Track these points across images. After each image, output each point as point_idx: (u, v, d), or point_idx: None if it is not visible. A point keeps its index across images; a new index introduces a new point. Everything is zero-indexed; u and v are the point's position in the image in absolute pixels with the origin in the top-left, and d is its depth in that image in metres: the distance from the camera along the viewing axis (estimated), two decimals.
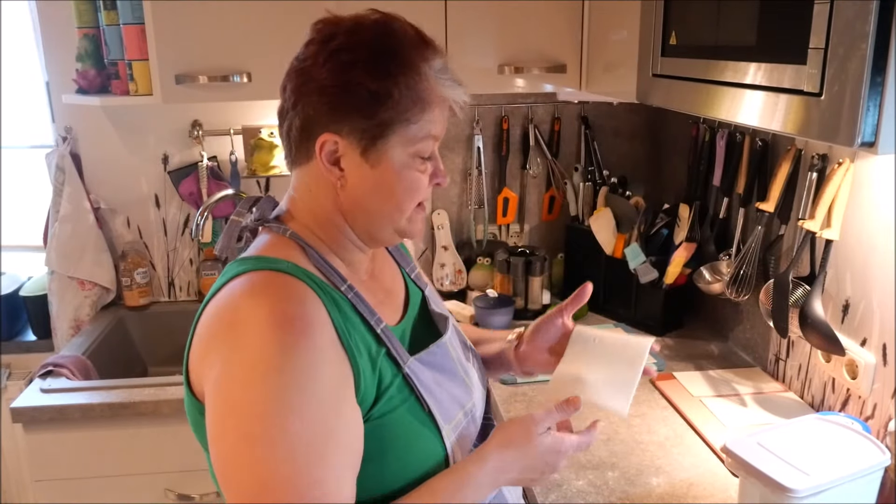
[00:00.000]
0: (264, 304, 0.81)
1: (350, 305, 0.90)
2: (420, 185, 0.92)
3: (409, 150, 0.90)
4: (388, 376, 0.90)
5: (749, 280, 1.60)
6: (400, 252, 1.14)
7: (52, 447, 1.71)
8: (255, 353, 0.78)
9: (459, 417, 0.97)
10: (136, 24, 1.78)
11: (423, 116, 0.89)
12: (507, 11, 1.84)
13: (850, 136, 0.85)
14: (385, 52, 0.87)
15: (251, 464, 0.76)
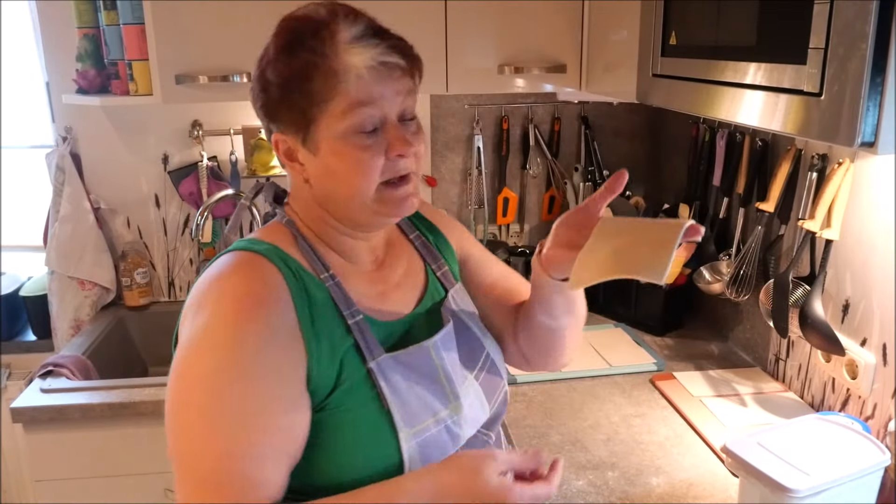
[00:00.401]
0: (229, 280, 0.88)
1: (326, 294, 0.92)
2: (367, 162, 0.88)
3: (340, 126, 0.87)
4: (351, 368, 0.90)
5: (749, 280, 1.60)
6: (428, 248, 1.10)
7: (52, 447, 1.70)
8: (211, 324, 0.84)
9: (427, 424, 0.93)
10: (136, 24, 1.78)
11: (339, 90, 0.86)
12: (507, 11, 1.84)
13: (850, 136, 0.85)
14: (287, 43, 0.89)
15: (183, 427, 0.82)
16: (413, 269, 1.07)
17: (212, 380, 0.82)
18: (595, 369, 1.75)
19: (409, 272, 1.06)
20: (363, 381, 0.90)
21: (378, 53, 0.87)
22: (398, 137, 0.89)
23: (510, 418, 1.54)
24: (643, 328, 2.01)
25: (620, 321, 2.05)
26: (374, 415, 0.90)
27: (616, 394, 1.65)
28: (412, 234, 1.10)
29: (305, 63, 0.87)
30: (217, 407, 0.82)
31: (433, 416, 0.94)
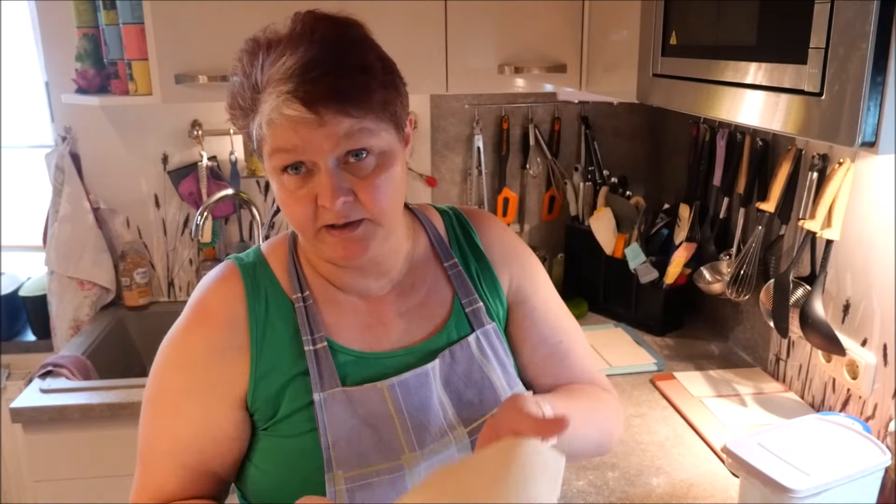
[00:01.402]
0: (200, 289, 0.92)
1: (290, 315, 0.90)
2: (294, 207, 0.81)
3: (268, 166, 0.82)
4: (297, 398, 0.87)
5: (749, 280, 1.60)
6: (463, 280, 0.97)
7: (52, 447, 1.70)
8: (173, 329, 0.91)
9: (368, 471, 0.85)
10: (135, 23, 1.78)
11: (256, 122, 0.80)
12: (507, 11, 1.84)
13: (851, 136, 0.85)
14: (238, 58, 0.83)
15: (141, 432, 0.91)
16: (434, 300, 0.96)
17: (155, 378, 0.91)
18: None
19: (427, 302, 0.95)
20: (304, 412, 0.87)
21: (279, 104, 0.77)
22: (325, 186, 0.79)
23: None
24: (643, 328, 2.00)
25: (620, 321, 2.05)
26: (308, 448, 0.85)
27: None
28: (448, 262, 0.98)
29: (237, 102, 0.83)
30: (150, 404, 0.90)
31: (375, 464, 0.85)
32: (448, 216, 1.03)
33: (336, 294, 0.92)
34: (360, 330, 0.92)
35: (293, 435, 0.87)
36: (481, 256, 1.00)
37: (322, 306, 0.91)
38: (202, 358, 0.88)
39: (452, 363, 0.93)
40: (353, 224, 0.82)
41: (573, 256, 2.24)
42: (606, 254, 2.07)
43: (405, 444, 0.87)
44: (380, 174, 0.82)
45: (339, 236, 0.82)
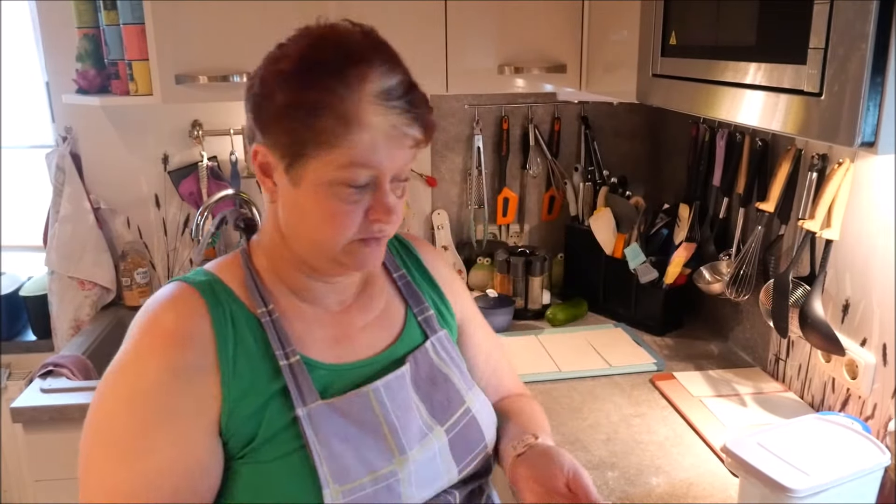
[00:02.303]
0: (153, 312, 0.85)
1: (259, 331, 0.86)
2: (345, 219, 0.82)
3: (330, 175, 0.81)
4: (277, 417, 0.83)
5: (749, 280, 1.60)
6: (412, 290, 1.02)
7: (52, 447, 1.70)
8: (123, 353, 0.84)
9: (363, 482, 0.84)
10: (136, 24, 1.78)
11: (348, 140, 0.79)
12: (507, 11, 1.84)
13: (850, 136, 0.85)
14: (311, 65, 0.80)
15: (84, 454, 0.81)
16: (390, 310, 1.00)
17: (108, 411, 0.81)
18: (595, 369, 1.76)
19: (384, 314, 0.99)
20: (287, 430, 0.83)
21: (402, 122, 0.81)
22: (382, 203, 0.83)
23: None
24: (643, 328, 2.01)
25: (620, 321, 2.05)
26: (297, 468, 0.82)
27: (616, 394, 1.65)
28: (396, 273, 1.03)
29: (323, 100, 0.79)
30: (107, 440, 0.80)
31: (370, 473, 0.85)
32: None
33: (301, 308, 0.91)
34: (328, 342, 0.91)
35: (279, 457, 0.82)
36: (425, 272, 1.06)
37: (288, 320, 0.89)
38: (164, 382, 0.80)
39: (416, 368, 0.96)
40: (381, 238, 0.87)
41: (573, 256, 2.25)
42: (606, 254, 2.07)
43: (395, 448, 0.88)
44: (405, 196, 0.89)
45: (371, 247, 0.87)
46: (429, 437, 0.92)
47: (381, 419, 0.88)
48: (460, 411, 0.97)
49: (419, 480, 0.89)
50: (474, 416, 0.98)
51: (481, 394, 1.03)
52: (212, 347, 0.83)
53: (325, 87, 0.79)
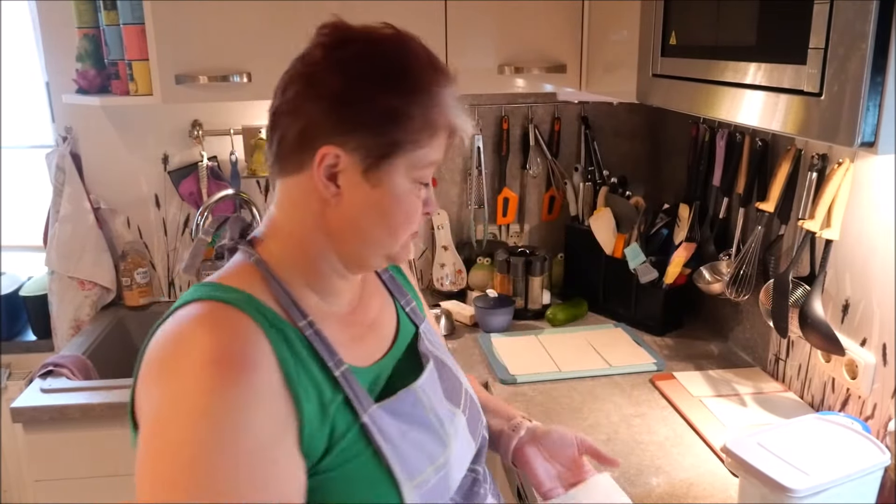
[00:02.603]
0: (204, 339, 0.75)
1: (307, 344, 0.82)
2: (416, 213, 0.88)
3: (413, 174, 0.85)
4: (343, 426, 0.81)
5: (749, 280, 1.60)
6: (396, 283, 1.06)
7: (52, 447, 1.70)
8: (189, 393, 0.72)
9: (428, 474, 0.86)
10: (136, 24, 1.78)
11: (431, 142, 0.85)
12: (507, 11, 1.84)
13: (850, 136, 0.85)
14: (402, 70, 0.83)
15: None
16: (385, 306, 1.02)
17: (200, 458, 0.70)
18: (595, 369, 1.76)
19: (382, 310, 1.00)
20: (358, 438, 0.82)
21: (471, 124, 0.90)
22: (432, 198, 0.91)
23: None
24: (643, 328, 2.01)
25: (620, 321, 2.05)
26: (373, 473, 0.82)
27: (616, 394, 1.65)
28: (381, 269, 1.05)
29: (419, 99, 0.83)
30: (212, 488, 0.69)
31: (432, 463, 0.87)
32: None
33: (325, 311, 0.90)
34: (352, 344, 0.91)
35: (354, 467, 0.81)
36: (398, 268, 1.10)
37: (323, 327, 0.86)
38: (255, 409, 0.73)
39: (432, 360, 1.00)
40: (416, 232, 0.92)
41: (573, 256, 2.25)
42: (606, 254, 2.07)
43: (444, 437, 0.92)
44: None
45: (412, 241, 0.92)
46: (454, 421, 0.95)
47: (428, 413, 0.91)
48: (464, 391, 1.02)
49: (458, 463, 0.93)
50: (471, 394, 1.04)
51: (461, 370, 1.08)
52: (275, 365, 0.78)
53: (419, 91, 0.84)
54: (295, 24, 1.73)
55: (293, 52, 0.91)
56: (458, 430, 0.95)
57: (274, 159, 0.87)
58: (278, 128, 0.85)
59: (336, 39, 0.84)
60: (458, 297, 2.26)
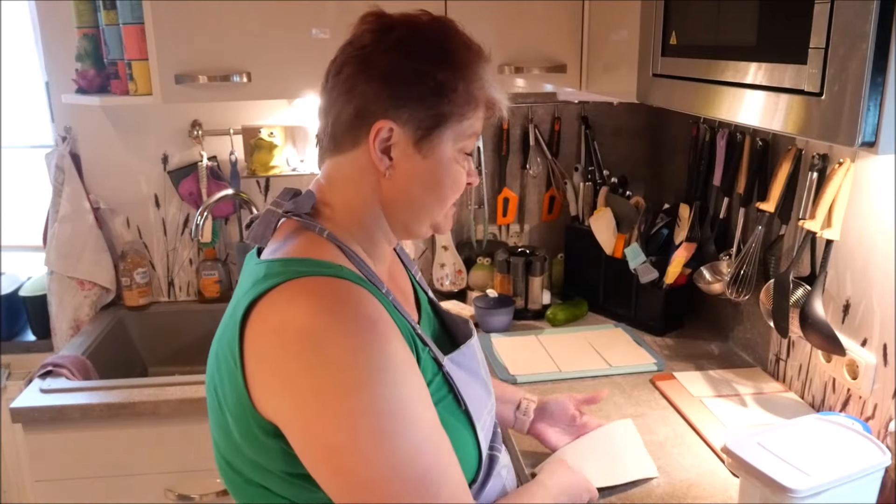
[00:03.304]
0: (347, 309, 0.80)
1: (392, 307, 0.90)
2: (462, 181, 0.95)
3: (458, 145, 0.93)
4: (430, 374, 0.91)
5: (749, 280, 1.60)
6: (406, 254, 1.16)
7: (52, 447, 1.70)
8: (353, 360, 0.77)
9: (485, 418, 0.99)
10: (135, 23, 1.78)
11: (475, 114, 0.93)
12: (507, 11, 1.84)
13: (851, 136, 0.85)
14: (445, 50, 0.91)
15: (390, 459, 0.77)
16: (404, 274, 1.12)
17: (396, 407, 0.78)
18: (595, 369, 1.75)
19: (404, 278, 1.11)
20: (440, 385, 0.93)
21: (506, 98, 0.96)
22: (472, 169, 0.98)
23: None
24: (643, 328, 2.00)
25: (620, 321, 2.05)
26: (455, 415, 0.93)
27: (616, 394, 1.65)
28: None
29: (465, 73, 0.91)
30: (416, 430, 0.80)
31: (485, 408, 1.00)
32: None
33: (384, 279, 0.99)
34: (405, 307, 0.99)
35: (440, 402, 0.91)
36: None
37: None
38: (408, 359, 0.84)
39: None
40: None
41: (573, 256, 2.25)
42: (606, 254, 2.07)
43: (490, 386, 1.05)
44: None
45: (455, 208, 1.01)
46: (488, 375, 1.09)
47: (480, 365, 1.05)
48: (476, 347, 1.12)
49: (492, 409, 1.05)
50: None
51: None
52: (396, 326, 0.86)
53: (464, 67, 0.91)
54: (295, 24, 1.74)
55: (293, 52, 0.92)
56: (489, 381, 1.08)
57: (329, 139, 0.94)
58: (333, 108, 0.92)
59: (382, 25, 0.91)
60: (458, 297, 2.26)
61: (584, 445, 1.33)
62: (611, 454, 1.33)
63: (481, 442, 0.95)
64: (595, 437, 1.35)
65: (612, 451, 1.33)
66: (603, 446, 1.33)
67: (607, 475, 1.28)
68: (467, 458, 0.93)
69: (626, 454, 1.34)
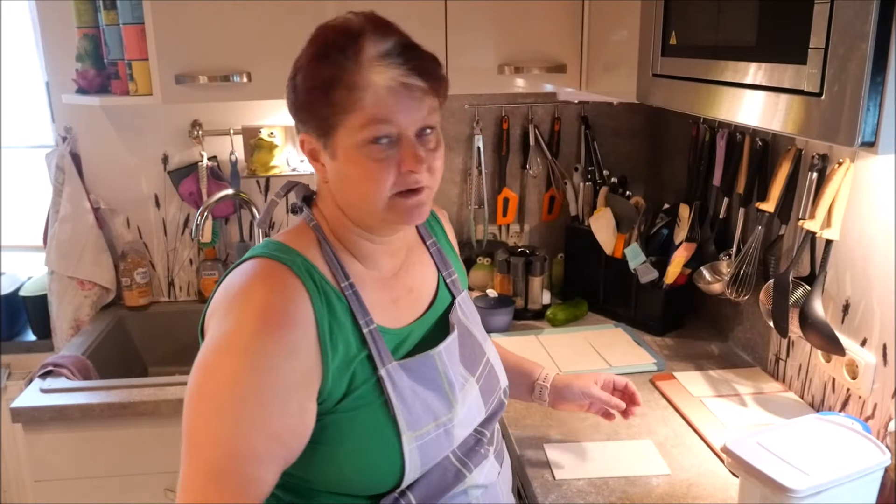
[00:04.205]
0: (258, 294, 0.91)
1: (345, 304, 0.96)
2: (379, 174, 0.92)
3: (357, 138, 0.91)
4: (362, 377, 0.95)
5: (749, 280, 1.60)
6: (442, 256, 1.16)
7: (52, 447, 1.70)
8: (234, 331, 0.88)
9: (429, 428, 0.98)
10: (135, 23, 1.78)
11: (358, 104, 0.90)
12: (507, 11, 1.84)
13: (851, 136, 0.85)
14: (318, 53, 0.92)
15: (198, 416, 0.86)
16: (426, 275, 1.12)
17: (229, 383, 0.86)
18: (595, 369, 1.75)
19: (423, 278, 1.11)
20: (373, 388, 0.95)
21: (399, 74, 0.90)
22: (411, 154, 0.92)
23: (510, 418, 1.54)
24: (643, 328, 2.00)
25: (620, 321, 2.05)
26: (380, 420, 0.94)
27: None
28: (429, 241, 1.15)
29: (330, 75, 0.90)
30: (230, 408, 0.86)
31: (434, 420, 0.99)
32: None
33: (365, 275, 1.01)
34: (388, 306, 1.02)
35: (365, 409, 0.94)
36: (448, 241, 1.20)
37: (362, 289, 0.99)
38: (282, 360, 0.88)
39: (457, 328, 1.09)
40: (419, 190, 0.95)
41: (573, 256, 2.25)
42: (606, 254, 2.07)
43: (452, 399, 1.02)
44: (439, 148, 0.97)
45: (411, 200, 0.95)
46: (466, 387, 1.06)
47: (442, 376, 1.02)
48: (483, 361, 1.11)
49: (462, 423, 1.03)
50: (492, 364, 1.13)
51: (492, 343, 1.18)
52: (313, 323, 0.91)
53: (330, 66, 0.90)
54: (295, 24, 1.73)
55: (293, 52, 0.93)
56: (467, 395, 1.05)
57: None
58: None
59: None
60: None
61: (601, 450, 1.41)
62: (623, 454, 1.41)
63: (405, 447, 0.94)
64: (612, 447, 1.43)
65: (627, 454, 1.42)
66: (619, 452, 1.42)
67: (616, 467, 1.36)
68: (383, 466, 0.94)
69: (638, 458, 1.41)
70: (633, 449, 1.42)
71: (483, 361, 1.11)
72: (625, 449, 1.42)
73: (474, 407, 1.06)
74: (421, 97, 0.92)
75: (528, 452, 1.42)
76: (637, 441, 1.45)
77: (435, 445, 0.98)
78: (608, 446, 1.42)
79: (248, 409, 0.86)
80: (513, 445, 1.45)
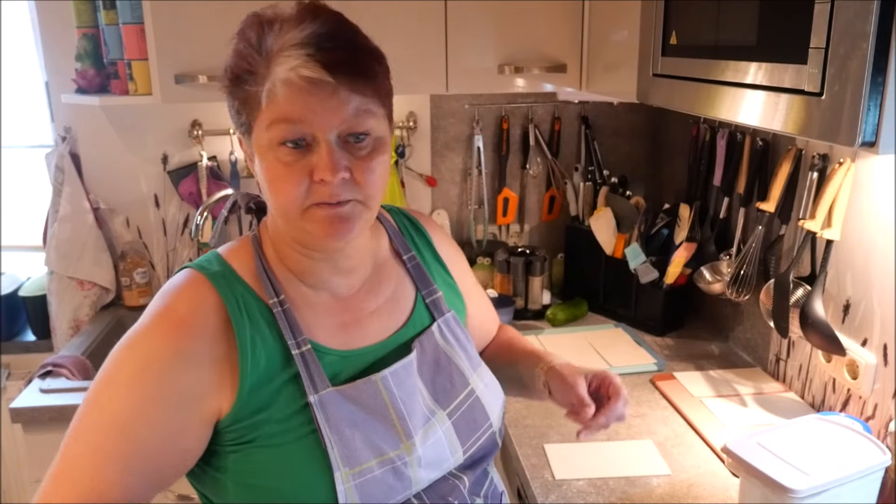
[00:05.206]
0: (163, 297, 0.87)
1: (272, 321, 0.87)
2: (286, 180, 0.81)
3: (264, 138, 0.81)
4: (287, 402, 0.85)
5: (749, 280, 1.60)
6: (421, 272, 1.02)
7: (52, 447, 1.68)
8: (129, 332, 0.86)
9: (370, 465, 0.85)
10: (135, 23, 1.78)
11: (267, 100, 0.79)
12: (507, 11, 1.84)
13: (851, 136, 0.85)
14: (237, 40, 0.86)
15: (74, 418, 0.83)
16: (401, 293, 0.99)
17: (104, 383, 0.84)
18: None
19: (394, 297, 0.98)
20: (299, 415, 0.85)
21: (300, 65, 0.77)
22: (323, 161, 0.79)
23: (510, 418, 1.54)
24: (643, 328, 2.00)
25: (621, 321, 2.05)
26: (308, 451, 0.84)
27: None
28: (406, 255, 1.02)
29: (238, 66, 0.82)
30: (97, 411, 0.82)
31: (377, 456, 0.86)
32: (397, 214, 1.08)
33: (309, 295, 0.92)
34: (337, 329, 0.92)
35: (292, 440, 0.85)
36: (434, 252, 1.06)
37: (298, 308, 0.90)
38: (170, 365, 0.82)
39: (422, 352, 0.96)
40: (343, 202, 0.83)
41: (573, 256, 2.24)
42: (606, 254, 2.07)
43: (402, 433, 0.89)
44: (375, 157, 0.84)
45: (329, 212, 0.82)
46: (431, 422, 0.92)
47: (388, 405, 0.89)
48: (464, 393, 0.97)
49: (427, 463, 0.90)
50: (478, 398, 0.97)
51: (488, 373, 1.03)
52: (226, 337, 0.84)
53: (239, 55, 0.83)
54: None
55: None
56: (431, 431, 0.92)
57: None
58: None
59: None
60: None
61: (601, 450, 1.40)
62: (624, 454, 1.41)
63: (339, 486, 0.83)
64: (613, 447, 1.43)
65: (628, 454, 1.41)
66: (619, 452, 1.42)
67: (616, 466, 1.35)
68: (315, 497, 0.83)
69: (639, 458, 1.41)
70: (633, 449, 1.42)
71: (463, 394, 0.96)
72: (625, 449, 1.42)
73: (444, 446, 0.92)
74: (346, 96, 0.79)
75: (528, 452, 1.42)
76: (637, 441, 1.45)
77: (381, 485, 0.85)
78: (608, 446, 1.42)
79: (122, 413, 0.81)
80: (513, 445, 1.45)
